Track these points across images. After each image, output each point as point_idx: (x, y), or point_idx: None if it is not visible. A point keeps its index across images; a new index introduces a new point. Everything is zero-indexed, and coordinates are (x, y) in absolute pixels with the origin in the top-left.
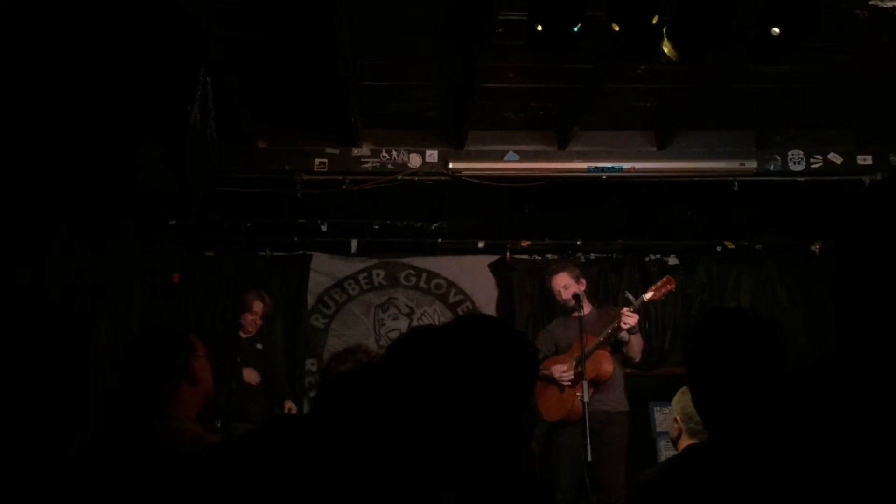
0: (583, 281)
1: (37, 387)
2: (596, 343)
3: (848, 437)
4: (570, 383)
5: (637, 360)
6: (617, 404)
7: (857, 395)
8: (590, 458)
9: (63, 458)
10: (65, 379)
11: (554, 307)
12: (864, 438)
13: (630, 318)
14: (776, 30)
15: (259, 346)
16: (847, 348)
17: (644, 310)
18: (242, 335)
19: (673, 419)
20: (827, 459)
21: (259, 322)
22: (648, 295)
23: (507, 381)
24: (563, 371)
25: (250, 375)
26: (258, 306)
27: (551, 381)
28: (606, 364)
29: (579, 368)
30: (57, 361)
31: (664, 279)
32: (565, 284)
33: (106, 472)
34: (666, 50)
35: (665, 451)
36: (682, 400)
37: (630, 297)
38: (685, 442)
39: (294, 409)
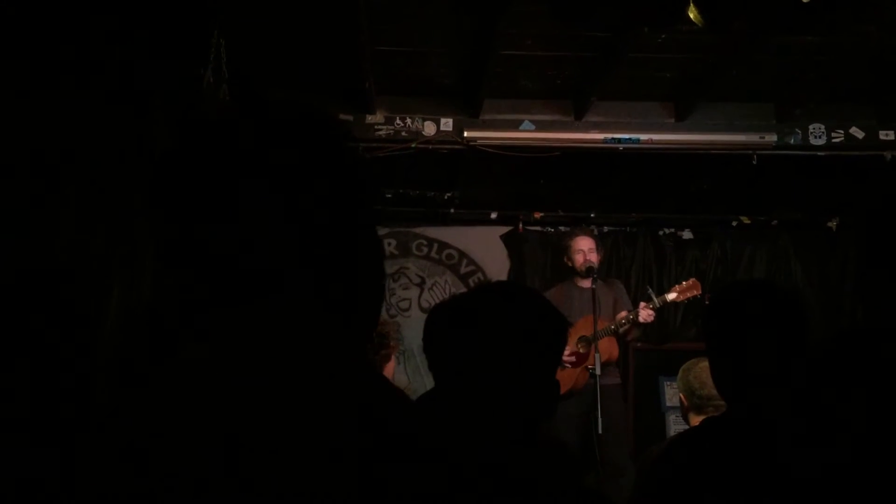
0: (601, 254)
1: (47, 351)
2: (605, 330)
3: (868, 413)
4: (570, 364)
5: (635, 344)
6: (613, 378)
7: (880, 369)
8: (600, 431)
9: (70, 424)
10: (75, 343)
11: (563, 273)
12: (885, 414)
13: (648, 316)
14: None
15: None
16: (870, 323)
17: (662, 307)
18: None
19: (679, 398)
20: (847, 435)
21: None
22: (671, 296)
23: (540, 350)
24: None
25: None
26: None
27: None
28: (614, 349)
29: (581, 350)
30: (68, 326)
31: (691, 282)
32: (589, 248)
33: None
34: (691, 15)
35: (674, 426)
36: (684, 377)
37: (652, 293)
38: (694, 418)
39: None
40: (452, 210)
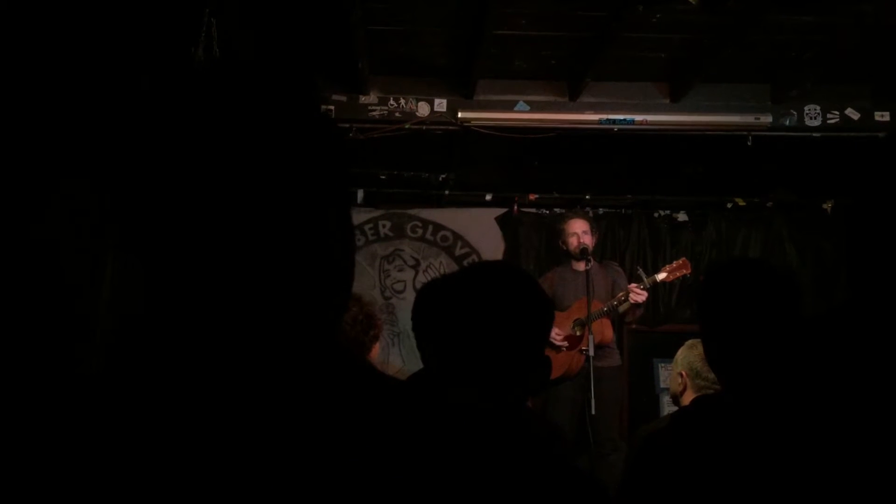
0: (595, 236)
1: (42, 328)
2: (599, 312)
3: (864, 390)
4: (565, 347)
5: (631, 325)
6: (611, 360)
7: (873, 346)
8: (594, 412)
9: (66, 399)
10: (70, 318)
11: (558, 256)
12: (880, 392)
13: (639, 297)
14: None
15: None
16: (861, 299)
17: (653, 287)
18: None
19: (677, 374)
20: (842, 412)
21: None
22: (661, 276)
23: (528, 329)
24: (556, 334)
25: None
26: None
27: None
28: (607, 330)
29: (577, 332)
30: (62, 301)
31: (681, 261)
32: (583, 230)
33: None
34: None
35: (668, 408)
36: (688, 355)
37: (642, 273)
38: (690, 398)
39: None
40: (447, 192)
